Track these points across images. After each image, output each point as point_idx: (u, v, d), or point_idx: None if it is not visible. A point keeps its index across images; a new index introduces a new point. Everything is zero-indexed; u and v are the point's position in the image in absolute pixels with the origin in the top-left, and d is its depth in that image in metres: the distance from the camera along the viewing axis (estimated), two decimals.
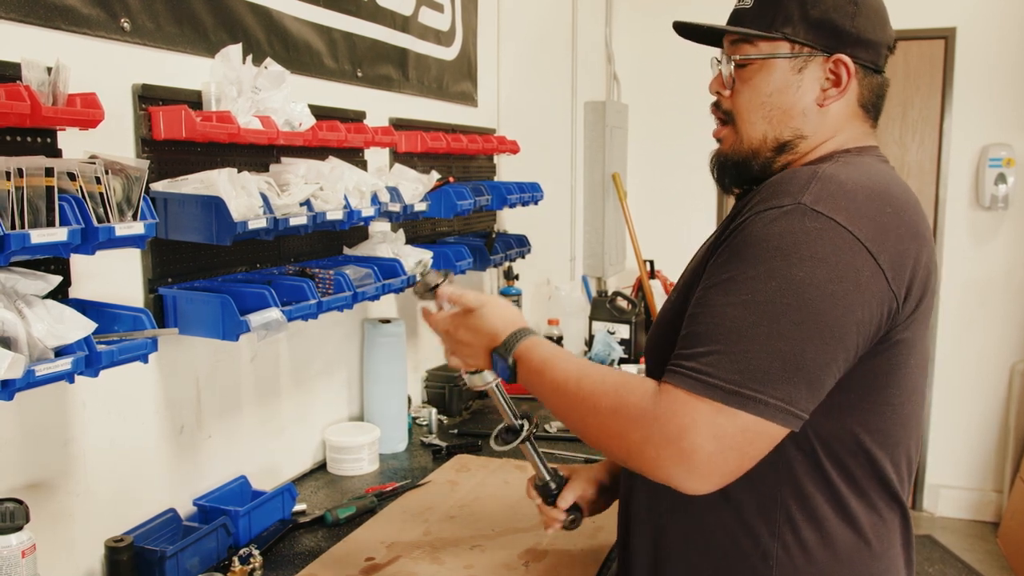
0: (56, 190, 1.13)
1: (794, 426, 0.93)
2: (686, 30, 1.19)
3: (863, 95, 1.13)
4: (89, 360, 1.15)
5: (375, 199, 1.82)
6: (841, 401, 1.00)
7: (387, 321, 2.14)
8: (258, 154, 1.71)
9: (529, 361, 1.12)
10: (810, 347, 0.92)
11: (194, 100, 1.53)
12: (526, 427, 1.31)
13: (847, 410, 1.03)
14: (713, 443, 0.90)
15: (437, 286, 1.26)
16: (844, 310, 0.93)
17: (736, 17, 1.15)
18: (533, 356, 1.12)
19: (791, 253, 0.93)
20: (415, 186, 2.07)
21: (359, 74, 2.09)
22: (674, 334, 1.03)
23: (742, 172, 1.15)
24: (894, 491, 1.09)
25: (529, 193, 2.64)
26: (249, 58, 1.64)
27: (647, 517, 1.19)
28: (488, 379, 1.25)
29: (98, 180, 1.19)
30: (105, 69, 1.37)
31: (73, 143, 1.29)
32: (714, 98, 1.19)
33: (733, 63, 1.13)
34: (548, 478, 1.38)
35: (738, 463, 0.93)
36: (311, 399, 2.01)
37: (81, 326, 1.16)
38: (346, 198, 1.70)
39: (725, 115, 1.17)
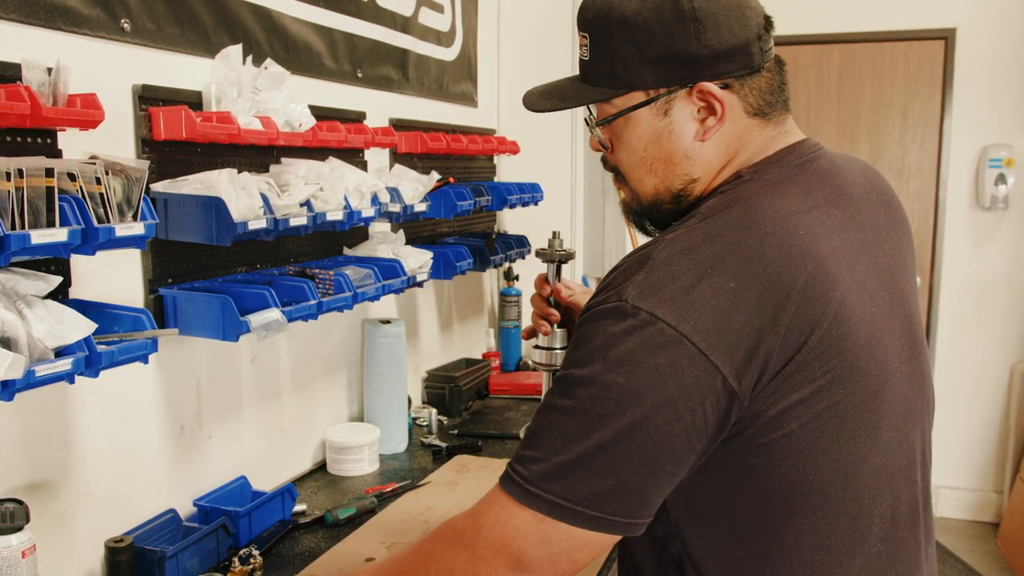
0: (56, 190, 1.13)
1: (624, 532, 0.89)
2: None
3: (750, 103, 0.99)
4: (89, 360, 1.15)
5: (375, 200, 1.82)
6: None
7: (387, 322, 2.14)
8: (258, 155, 1.71)
9: None
10: (631, 461, 0.85)
11: (194, 101, 1.53)
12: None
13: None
14: (541, 547, 0.88)
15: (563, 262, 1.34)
16: (668, 418, 0.84)
17: (582, 70, 1.05)
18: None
19: (609, 357, 0.85)
20: (415, 187, 2.07)
21: (359, 75, 2.09)
22: None
23: (655, 220, 1.08)
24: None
25: (529, 194, 2.65)
26: (249, 59, 1.64)
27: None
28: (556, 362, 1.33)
29: (98, 180, 1.20)
30: (105, 70, 1.37)
31: (73, 143, 1.29)
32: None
33: (598, 128, 1.05)
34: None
35: (570, 567, 0.90)
36: (311, 399, 2.01)
37: (81, 326, 1.16)
38: (346, 199, 1.70)
39: (613, 171, 1.09)
